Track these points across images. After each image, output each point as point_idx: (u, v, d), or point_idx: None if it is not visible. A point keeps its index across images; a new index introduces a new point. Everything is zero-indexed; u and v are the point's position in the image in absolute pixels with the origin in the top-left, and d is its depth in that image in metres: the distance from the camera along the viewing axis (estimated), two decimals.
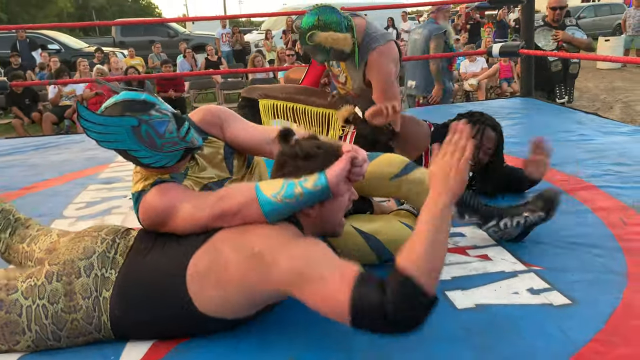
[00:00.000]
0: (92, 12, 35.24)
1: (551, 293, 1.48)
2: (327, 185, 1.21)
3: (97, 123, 1.27)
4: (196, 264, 1.25)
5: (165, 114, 1.32)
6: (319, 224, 1.33)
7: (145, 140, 1.30)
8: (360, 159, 1.26)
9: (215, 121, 1.51)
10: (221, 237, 1.26)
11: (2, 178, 2.94)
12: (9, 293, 1.30)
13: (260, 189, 1.24)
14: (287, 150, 1.31)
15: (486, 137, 2.14)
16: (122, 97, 1.30)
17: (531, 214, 1.74)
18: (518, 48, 4.05)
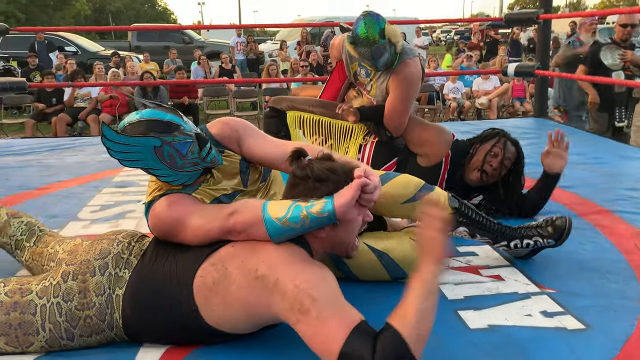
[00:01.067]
0: (108, 16, 35.70)
1: (565, 317, 1.48)
2: (334, 212, 1.21)
3: (120, 143, 1.28)
4: (203, 275, 1.26)
5: (189, 135, 1.33)
6: (330, 245, 1.33)
7: (167, 160, 1.32)
8: (371, 186, 1.24)
9: (233, 135, 1.51)
10: (228, 253, 1.27)
11: (19, 178, 2.98)
12: (23, 295, 1.32)
13: (267, 209, 1.25)
14: (298, 172, 1.30)
15: (507, 150, 2.16)
16: (147, 115, 1.31)
17: (541, 239, 1.76)
18: (534, 69, 4.06)
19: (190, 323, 1.27)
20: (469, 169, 2.21)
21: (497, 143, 2.17)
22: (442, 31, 35.28)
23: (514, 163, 2.19)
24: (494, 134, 2.22)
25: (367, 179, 1.24)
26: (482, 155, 2.17)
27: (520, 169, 2.21)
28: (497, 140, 2.18)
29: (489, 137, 2.21)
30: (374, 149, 2.33)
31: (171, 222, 1.35)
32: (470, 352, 1.33)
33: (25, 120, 7.38)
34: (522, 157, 2.21)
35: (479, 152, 2.19)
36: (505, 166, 2.17)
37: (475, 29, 12.14)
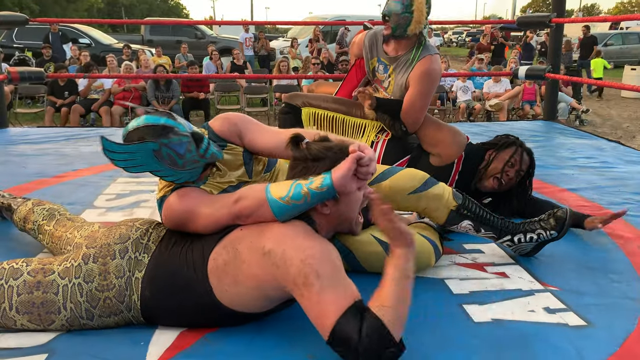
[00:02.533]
0: (121, 9, 35.89)
1: (567, 314, 1.52)
2: (332, 186, 1.27)
3: (121, 152, 1.35)
4: (215, 258, 1.33)
5: (184, 135, 1.39)
6: (335, 222, 1.38)
7: (167, 161, 1.38)
8: (366, 159, 1.30)
9: (233, 129, 1.57)
10: (238, 236, 1.34)
11: (37, 165, 3.05)
12: (46, 275, 1.38)
13: (269, 191, 1.32)
14: (297, 154, 1.38)
15: (523, 161, 2.17)
16: (143, 122, 1.37)
17: (544, 232, 1.80)
18: (544, 72, 4.08)
19: (206, 304, 1.33)
20: (485, 176, 2.20)
21: (514, 153, 2.16)
22: (454, 32, 35.18)
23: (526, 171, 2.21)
24: (510, 142, 2.21)
25: (362, 152, 1.30)
26: (500, 164, 2.16)
27: (530, 177, 2.22)
28: (515, 150, 2.17)
29: (505, 145, 2.20)
30: (386, 146, 2.36)
31: (183, 213, 1.42)
32: (475, 345, 1.37)
33: (38, 110, 7.49)
34: (534, 166, 2.22)
35: (497, 161, 2.18)
36: (519, 175, 2.19)
37: (488, 30, 12.12)
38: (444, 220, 1.78)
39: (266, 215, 1.31)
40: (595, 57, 11.02)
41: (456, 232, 1.96)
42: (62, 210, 1.81)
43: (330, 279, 1.19)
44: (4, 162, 3.16)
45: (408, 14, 2.24)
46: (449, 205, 1.76)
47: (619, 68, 13.19)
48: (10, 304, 1.34)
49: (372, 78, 2.51)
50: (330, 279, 1.20)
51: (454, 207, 1.76)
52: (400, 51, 2.34)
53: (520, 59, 10.11)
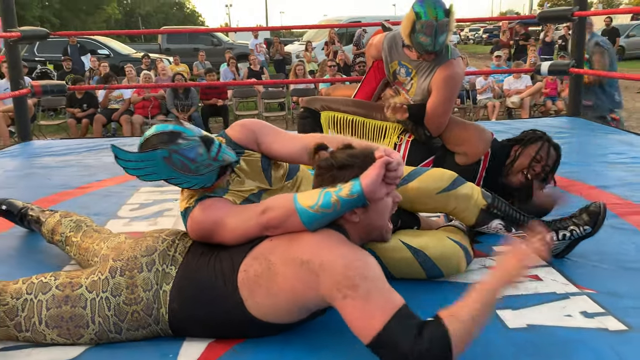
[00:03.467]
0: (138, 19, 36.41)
1: (606, 318, 1.46)
2: (362, 193, 1.25)
3: (133, 160, 1.35)
4: (246, 270, 1.30)
5: (193, 139, 1.38)
6: (365, 230, 1.35)
7: (179, 167, 1.37)
8: (394, 163, 1.28)
9: (251, 136, 1.56)
10: (269, 246, 1.31)
11: (60, 177, 3.08)
12: (73, 289, 1.37)
13: (297, 200, 1.29)
14: (322, 163, 1.36)
15: (550, 157, 2.13)
16: (153, 131, 1.38)
17: (577, 228, 1.74)
18: (568, 67, 3.99)
19: (236, 316, 1.31)
20: (513, 172, 2.17)
21: (541, 148, 2.12)
22: (470, 29, 34.84)
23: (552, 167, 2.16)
24: (537, 137, 2.17)
25: (389, 156, 1.27)
26: (526, 159, 2.12)
27: (553, 172, 2.18)
28: (541, 145, 2.13)
29: (532, 140, 2.16)
30: (410, 148, 2.33)
31: (209, 225, 1.40)
32: (511, 352, 1.33)
33: (61, 121, 7.62)
34: (559, 161, 2.17)
35: (523, 156, 2.14)
36: (545, 170, 2.14)
37: (505, 27, 11.96)
38: (474, 221, 1.74)
39: (295, 225, 1.28)
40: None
41: (484, 234, 1.92)
42: (89, 221, 1.82)
43: (375, 282, 1.17)
44: (29, 174, 3.21)
45: (447, 19, 2.20)
46: (479, 204, 1.72)
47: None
48: (40, 318, 1.34)
49: (393, 80, 2.47)
50: (376, 282, 1.18)
51: (484, 206, 1.72)
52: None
53: (540, 54, 9.95)
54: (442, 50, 2.24)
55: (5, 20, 4.04)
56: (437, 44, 2.18)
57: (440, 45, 2.19)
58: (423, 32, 2.18)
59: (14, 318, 1.35)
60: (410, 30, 2.21)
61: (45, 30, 4.32)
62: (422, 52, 2.24)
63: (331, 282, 1.18)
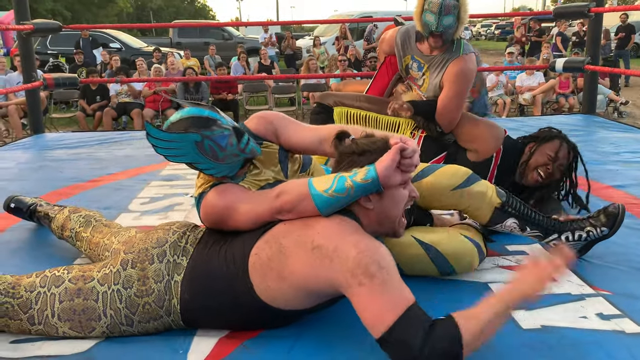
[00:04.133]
0: (149, 13, 36.53)
1: (622, 320, 1.43)
2: (377, 178, 1.24)
3: (165, 139, 1.35)
4: (258, 253, 1.30)
5: (227, 128, 1.39)
6: (378, 219, 1.33)
7: (208, 153, 1.38)
8: (409, 150, 1.27)
9: (269, 127, 1.56)
10: (282, 230, 1.30)
11: (72, 170, 3.09)
12: (86, 282, 1.38)
13: (312, 184, 1.29)
14: (344, 148, 1.36)
15: (564, 154, 2.10)
16: (187, 113, 1.38)
17: (594, 229, 1.71)
18: (583, 64, 3.93)
19: (245, 302, 1.30)
20: (526, 170, 2.14)
21: (556, 147, 2.09)
22: (482, 25, 34.55)
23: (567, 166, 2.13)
24: (552, 135, 2.14)
25: (405, 144, 1.27)
26: (541, 157, 2.10)
27: (571, 172, 2.14)
28: (556, 144, 2.10)
29: (548, 138, 2.13)
30: (422, 144, 2.31)
31: (223, 209, 1.40)
32: (524, 353, 1.31)
33: (73, 114, 7.66)
34: (578, 160, 2.13)
35: (537, 154, 2.12)
36: (560, 170, 2.11)
37: (518, 23, 11.83)
38: (487, 219, 1.72)
39: (309, 209, 1.28)
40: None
41: (498, 233, 1.89)
42: (98, 216, 1.82)
43: (390, 273, 1.16)
44: (41, 167, 3.23)
45: (457, 23, 2.19)
46: (493, 203, 1.70)
47: None
48: (53, 311, 1.35)
49: (405, 76, 2.45)
50: (391, 273, 1.16)
51: (498, 204, 1.70)
52: (435, 51, 2.28)
53: (553, 50, 9.83)
54: (449, 38, 2.21)
55: (18, 12, 4.06)
56: (441, 24, 2.16)
57: (444, 27, 2.17)
58: (429, 10, 2.17)
59: (28, 311, 1.35)
60: (420, 11, 2.21)
61: (58, 23, 4.34)
62: (427, 34, 2.22)
63: (345, 268, 1.16)
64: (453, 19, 2.17)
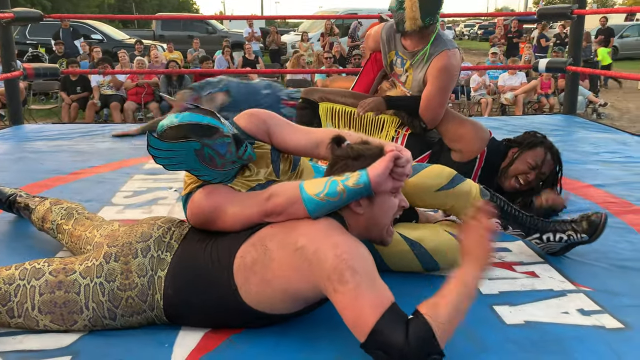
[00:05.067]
0: (132, 5, 35.96)
1: (603, 315, 1.46)
2: (369, 183, 1.24)
3: (165, 149, 1.33)
4: (243, 256, 1.29)
5: (227, 136, 1.37)
6: (366, 225, 1.34)
7: (207, 161, 1.36)
8: (403, 159, 1.28)
9: (262, 126, 1.53)
10: (268, 233, 1.30)
11: (52, 162, 3.04)
12: (67, 274, 1.35)
13: (304, 188, 1.28)
14: (340, 152, 1.36)
15: (545, 164, 2.10)
16: (187, 119, 1.34)
17: (574, 234, 1.74)
18: (565, 64, 3.99)
19: (230, 304, 1.29)
20: (507, 176, 2.14)
21: (538, 156, 2.09)
22: (465, 25, 34.83)
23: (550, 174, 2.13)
24: (536, 142, 2.13)
25: (399, 153, 1.28)
26: (522, 165, 2.10)
27: (554, 179, 2.15)
28: (539, 152, 2.09)
29: (531, 145, 2.12)
30: (407, 142, 2.32)
31: (210, 210, 1.38)
32: (507, 348, 1.32)
33: (53, 106, 7.52)
34: (561, 166, 2.14)
35: (519, 161, 2.11)
36: (540, 178, 2.12)
37: (500, 23, 11.96)
38: None
39: (299, 212, 1.28)
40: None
41: None
42: (81, 209, 1.79)
43: (366, 277, 1.16)
44: (21, 158, 3.16)
45: (402, 11, 2.20)
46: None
47: (635, 60, 12.99)
48: (33, 303, 1.32)
49: (390, 72, 2.46)
50: (366, 277, 1.16)
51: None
52: (417, 46, 2.30)
53: (535, 51, 9.97)
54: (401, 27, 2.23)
55: None
56: (390, 6, 2.21)
57: (390, 9, 2.21)
58: None
59: (6, 304, 1.33)
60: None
61: (39, 12, 4.26)
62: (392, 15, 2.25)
63: (322, 272, 1.17)
64: (396, 4, 2.20)
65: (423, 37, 2.26)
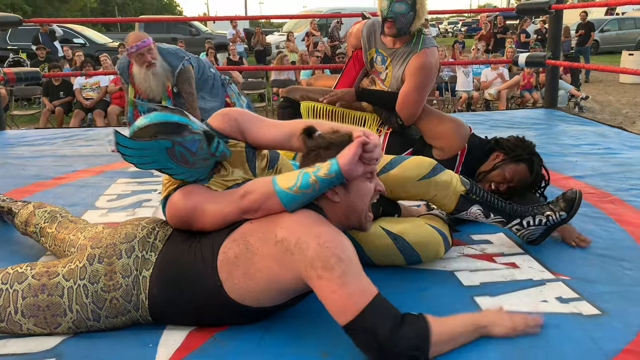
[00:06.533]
0: (114, 8, 35.63)
1: (580, 303, 1.50)
2: (340, 171, 1.27)
3: (135, 148, 1.34)
4: (225, 252, 1.30)
5: (197, 133, 1.38)
6: (345, 213, 1.36)
7: (179, 159, 1.37)
8: (371, 144, 1.30)
9: (234, 125, 1.54)
10: (249, 228, 1.32)
11: (35, 168, 3.02)
12: (50, 277, 1.35)
13: (277, 182, 1.30)
14: (311, 143, 1.38)
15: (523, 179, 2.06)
16: (155, 118, 1.35)
17: (553, 214, 1.77)
18: (545, 59, 4.05)
19: (215, 299, 1.30)
20: (484, 179, 2.13)
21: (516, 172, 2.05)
22: (449, 22, 35.03)
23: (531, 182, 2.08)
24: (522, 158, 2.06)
25: (367, 138, 1.30)
26: (498, 176, 2.08)
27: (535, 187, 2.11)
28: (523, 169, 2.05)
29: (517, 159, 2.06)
30: (388, 140, 2.34)
31: (188, 211, 1.40)
32: (488, 337, 1.35)
33: (35, 111, 7.43)
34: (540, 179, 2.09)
35: (501, 170, 2.08)
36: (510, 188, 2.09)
37: (484, 19, 12.06)
38: (453, 207, 1.76)
39: (275, 207, 1.30)
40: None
41: (463, 223, 1.94)
42: (64, 212, 1.79)
43: (351, 265, 1.19)
44: (2, 164, 3.13)
45: (412, 13, 2.22)
46: (458, 191, 1.74)
47: (616, 54, 13.17)
48: (16, 307, 1.32)
49: (370, 69, 2.48)
50: (352, 265, 1.19)
51: (463, 192, 1.74)
52: (398, 43, 2.32)
53: (517, 46, 10.07)
54: (404, 27, 2.24)
55: None
56: (392, 10, 2.21)
57: (396, 13, 2.21)
58: None
59: None
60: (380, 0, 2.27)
61: (18, 16, 4.22)
62: (382, 20, 2.26)
63: (305, 260, 1.19)
64: (406, 7, 2.21)
65: (407, 35, 2.29)
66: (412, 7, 2.22)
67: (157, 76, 2.99)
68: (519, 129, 3.68)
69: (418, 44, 2.27)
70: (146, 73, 2.97)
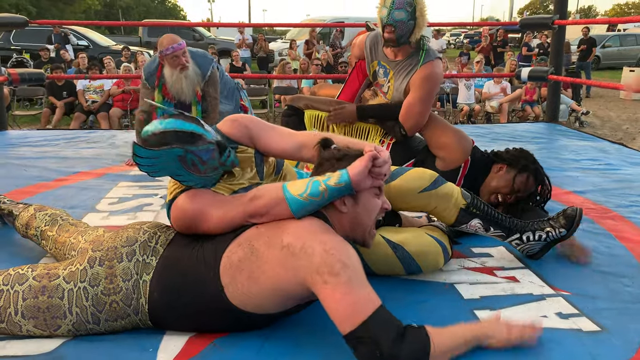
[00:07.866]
0: (118, 11, 35.77)
1: (580, 319, 1.50)
2: (349, 182, 1.29)
3: (149, 157, 1.34)
4: (229, 256, 1.31)
5: (211, 142, 1.39)
6: (350, 225, 1.37)
7: (190, 167, 1.38)
8: (381, 160, 1.33)
9: (245, 131, 1.55)
10: (254, 233, 1.32)
11: (36, 169, 3.02)
12: (51, 279, 1.35)
13: (287, 188, 1.32)
14: (326, 154, 1.40)
15: (527, 188, 2.09)
16: (171, 126, 1.35)
17: (553, 230, 1.78)
18: (547, 73, 4.07)
19: (216, 305, 1.30)
20: (486, 190, 2.15)
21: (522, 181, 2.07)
22: (452, 34, 35.22)
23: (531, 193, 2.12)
24: (524, 167, 2.09)
25: (377, 153, 1.33)
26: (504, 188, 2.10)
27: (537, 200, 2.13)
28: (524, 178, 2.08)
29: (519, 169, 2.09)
30: (391, 150, 2.34)
31: (194, 214, 1.40)
32: (487, 351, 1.34)
33: (37, 112, 7.44)
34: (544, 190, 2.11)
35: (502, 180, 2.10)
36: (516, 198, 2.12)
37: (486, 32, 12.13)
38: (453, 220, 1.76)
39: (283, 212, 1.31)
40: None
41: (463, 236, 1.95)
42: (65, 215, 1.79)
43: (357, 273, 1.20)
44: (4, 165, 3.14)
45: (412, 21, 2.23)
46: (459, 204, 1.75)
47: (617, 70, 13.24)
48: (16, 309, 1.32)
49: (373, 81, 2.49)
50: (357, 273, 1.20)
51: (464, 205, 1.75)
52: (400, 56, 2.33)
53: (519, 60, 10.12)
54: (404, 36, 2.24)
55: None
56: (392, 17, 2.21)
57: (395, 20, 2.21)
58: (384, 5, 2.24)
59: None
60: (379, 9, 2.28)
61: (24, 17, 4.24)
62: (381, 28, 2.27)
63: (311, 266, 1.19)
64: (406, 14, 2.21)
65: (409, 47, 2.30)
66: (412, 16, 2.23)
67: (190, 79, 2.95)
68: (520, 142, 3.69)
69: (421, 56, 2.29)
70: (179, 76, 2.92)
